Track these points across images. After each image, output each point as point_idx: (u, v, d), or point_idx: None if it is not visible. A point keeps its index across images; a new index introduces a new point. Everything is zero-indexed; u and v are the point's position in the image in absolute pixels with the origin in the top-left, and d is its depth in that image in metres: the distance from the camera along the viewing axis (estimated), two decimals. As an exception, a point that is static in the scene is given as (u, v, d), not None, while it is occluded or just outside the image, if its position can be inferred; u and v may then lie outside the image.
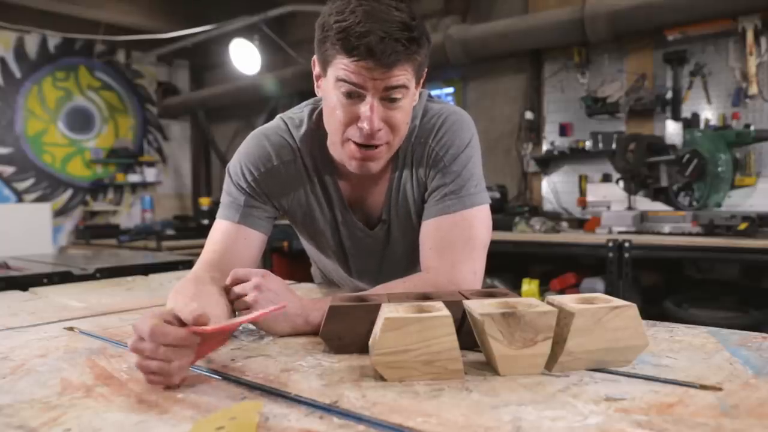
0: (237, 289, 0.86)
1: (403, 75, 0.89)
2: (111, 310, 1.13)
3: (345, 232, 1.14)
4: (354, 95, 0.90)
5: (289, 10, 4.90)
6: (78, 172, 5.95)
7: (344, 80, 0.88)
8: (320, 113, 1.04)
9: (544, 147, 4.16)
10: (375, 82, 0.88)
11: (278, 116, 1.12)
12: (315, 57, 0.97)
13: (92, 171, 6.07)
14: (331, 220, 1.13)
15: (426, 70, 0.99)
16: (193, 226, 5.58)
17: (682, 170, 3.23)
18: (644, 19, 3.38)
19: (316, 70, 0.98)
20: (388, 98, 0.90)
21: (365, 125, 0.90)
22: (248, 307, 0.83)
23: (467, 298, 0.74)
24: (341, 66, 0.88)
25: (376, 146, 0.94)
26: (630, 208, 3.48)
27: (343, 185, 1.10)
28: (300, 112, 1.10)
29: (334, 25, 0.87)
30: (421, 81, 0.99)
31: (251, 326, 0.90)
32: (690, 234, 2.98)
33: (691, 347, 0.74)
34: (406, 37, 0.86)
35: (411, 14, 0.88)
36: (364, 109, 0.90)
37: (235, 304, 0.86)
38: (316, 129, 1.06)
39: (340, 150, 0.98)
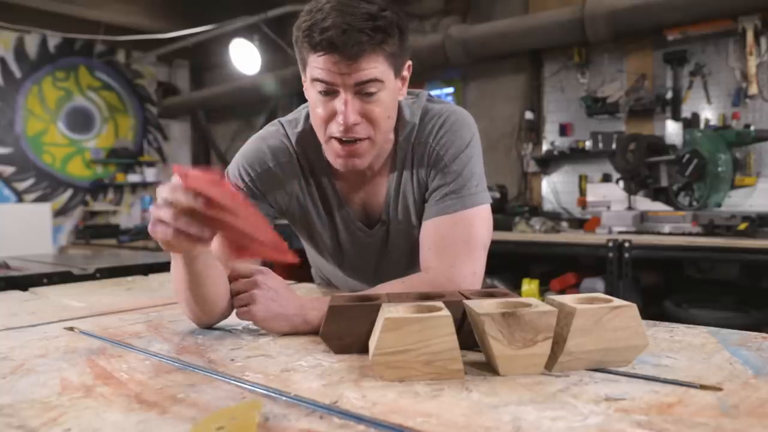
0: (237, 284, 0.86)
1: (374, 67, 0.88)
2: (111, 310, 1.13)
3: (343, 232, 1.14)
4: (329, 93, 0.91)
5: (289, 10, 4.90)
6: (78, 172, 5.96)
7: (318, 79, 0.89)
8: None
9: (544, 147, 4.16)
10: (344, 77, 0.88)
11: (276, 120, 1.12)
12: None
13: (92, 171, 6.07)
14: (328, 221, 1.13)
15: (409, 62, 0.98)
16: (193, 226, 5.57)
17: (682, 170, 3.23)
18: (644, 19, 3.38)
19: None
20: (362, 92, 0.90)
21: (340, 120, 0.90)
22: (247, 303, 0.84)
23: (467, 298, 0.74)
24: (314, 65, 0.89)
25: (358, 141, 0.94)
26: (630, 208, 3.48)
27: (341, 185, 1.10)
28: (297, 114, 1.11)
29: (302, 24, 0.88)
30: (404, 73, 0.98)
31: (251, 326, 0.90)
32: (690, 234, 2.98)
33: (691, 347, 0.74)
34: (371, 26, 0.85)
35: (382, 6, 0.88)
36: (339, 104, 0.90)
37: (234, 299, 0.86)
38: (312, 130, 1.06)
39: (326, 149, 0.98)
